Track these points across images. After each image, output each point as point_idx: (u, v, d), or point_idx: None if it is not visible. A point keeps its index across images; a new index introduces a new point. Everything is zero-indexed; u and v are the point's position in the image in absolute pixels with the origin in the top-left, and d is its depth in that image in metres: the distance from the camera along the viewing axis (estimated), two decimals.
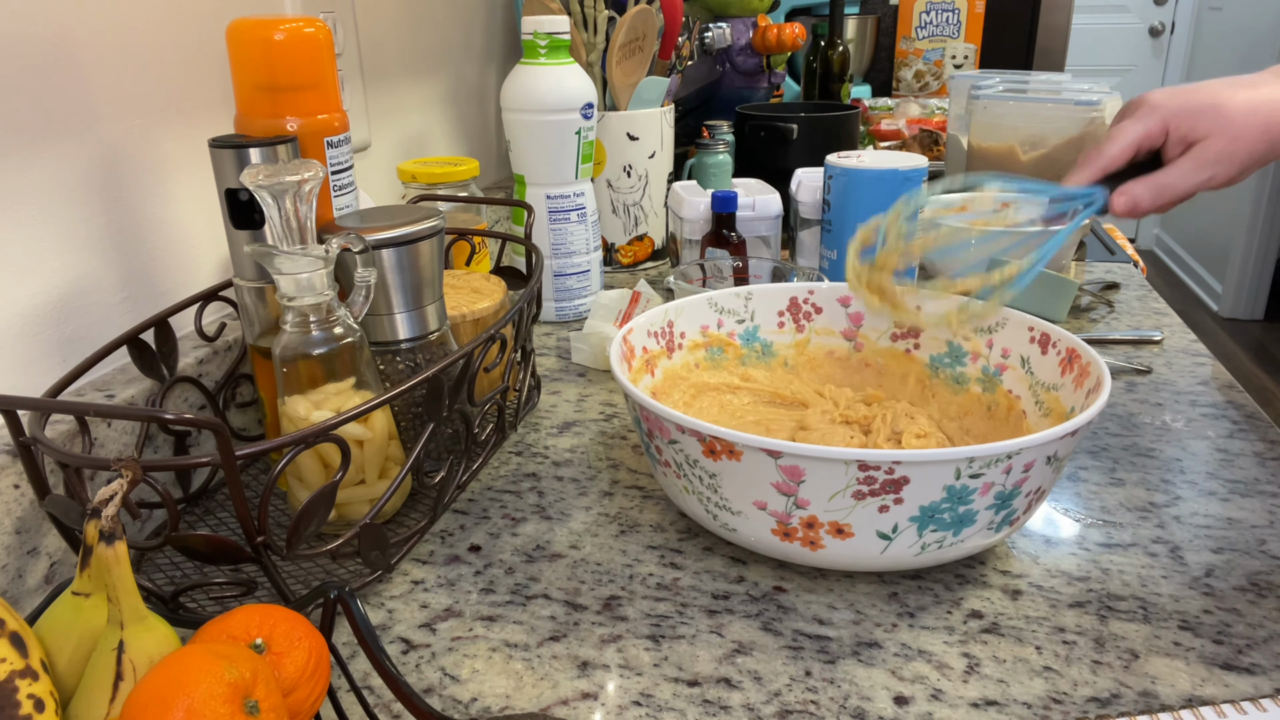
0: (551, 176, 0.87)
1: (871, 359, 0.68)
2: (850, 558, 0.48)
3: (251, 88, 0.53)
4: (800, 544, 0.48)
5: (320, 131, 0.56)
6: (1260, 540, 0.54)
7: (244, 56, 0.53)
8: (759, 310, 0.69)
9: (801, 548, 0.49)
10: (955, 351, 0.64)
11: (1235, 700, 0.42)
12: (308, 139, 0.55)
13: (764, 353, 0.69)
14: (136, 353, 0.56)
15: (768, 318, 0.69)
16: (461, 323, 0.67)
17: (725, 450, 0.47)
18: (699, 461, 0.49)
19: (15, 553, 0.48)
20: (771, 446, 0.45)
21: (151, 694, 0.30)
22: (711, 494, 0.50)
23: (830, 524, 0.47)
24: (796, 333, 0.69)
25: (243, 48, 0.53)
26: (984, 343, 0.63)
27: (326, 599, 0.38)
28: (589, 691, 0.44)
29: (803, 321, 0.69)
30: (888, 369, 0.68)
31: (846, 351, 0.69)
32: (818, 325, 0.69)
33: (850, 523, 0.46)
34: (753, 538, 0.50)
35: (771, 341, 0.69)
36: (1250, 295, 3.45)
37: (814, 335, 0.69)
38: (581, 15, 0.96)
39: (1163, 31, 3.85)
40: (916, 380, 0.66)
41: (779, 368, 0.70)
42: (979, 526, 0.47)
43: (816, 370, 0.69)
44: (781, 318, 0.69)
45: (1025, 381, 0.60)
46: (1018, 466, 0.45)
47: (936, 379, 0.65)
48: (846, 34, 1.57)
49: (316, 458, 0.52)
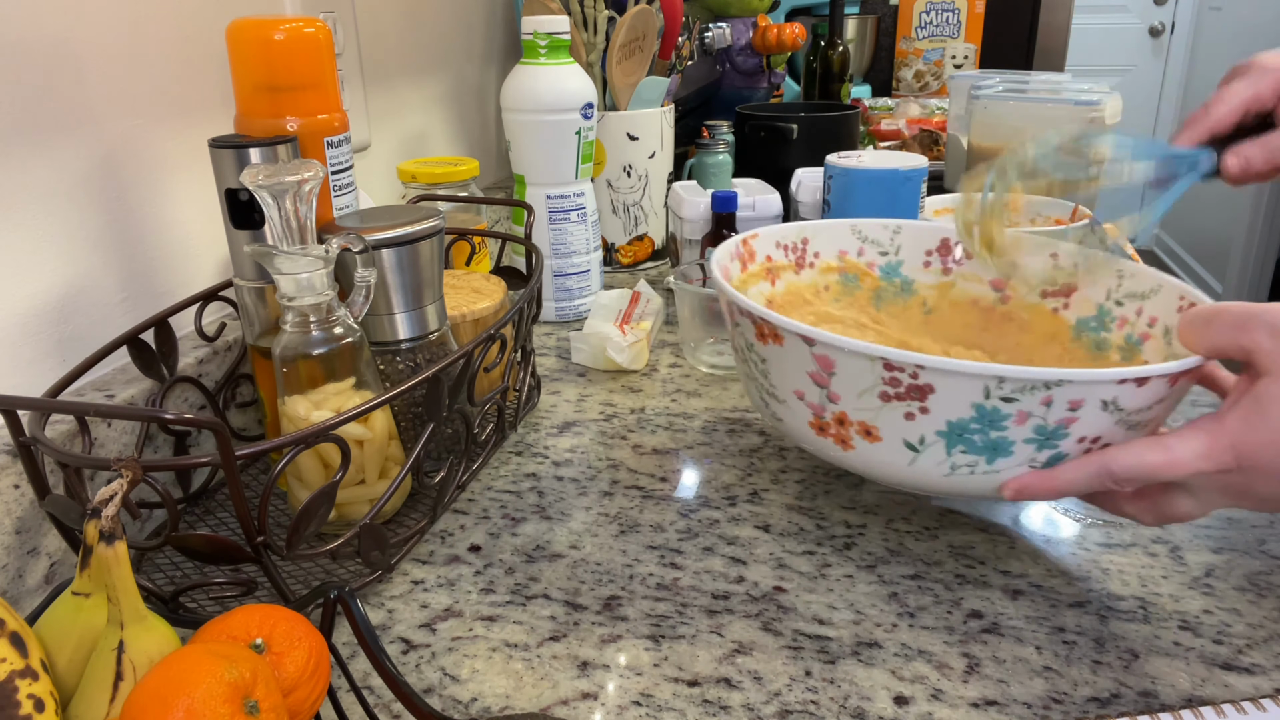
0: (551, 176, 0.87)
1: (1016, 313, 0.64)
2: (880, 463, 0.49)
3: (251, 88, 0.53)
4: (833, 440, 0.50)
5: (320, 131, 0.56)
6: (1260, 540, 0.54)
7: (244, 56, 0.53)
8: (905, 245, 0.66)
9: (835, 445, 0.50)
10: (1103, 316, 0.60)
11: (1235, 700, 0.42)
12: (308, 139, 0.55)
13: (903, 289, 0.66)
14: (136, 353, 0.56)
15: (914, 255, 0.66)
16: (461, 323, 0.67)
17: (771, 334, 0.48)
18: (753, 346, 0.51)
19: (15, 553, 0.48)
20: (805, 332, 0.46)
21: (151, 694, 0.30)
22: (764, 379, 0.52)
23: (859, 424, 0.47)
24: (942, 274, 0.66)
25: (243, 48, 0.53)
26: (1134, 309, 0.58)
27: (326, 599, 0.38)
28: (589, 691, 0.44)
29: (950, 265, 0.66)
30: (1031, 325, 0.63)
31: (992, 302, 0.65)
32: (966, 270, 0.65)
33: (878, 425, 0.47)
34: (794, 428, 0.52)
35: (914, 280, 0.66)
36: (1250, 295, 3.45)
37: (960, 280, 0.66)
38: (581, 15, 0.96)
39: (1163, 31, 3.85)
40: (1058, 341, 0.62)
41: (916, 309, 0.66)
42: (1016, 460, 0.46)
43: (958, 316, 0.65)
44: (929, 257, 0.66)
45: (1162, 354, 0.54)
46: (1060, 402, 0.43)
47: (1078, 343, 0.61)
48: (846, 34, 1.57)
49: (316, 458, 0.52)
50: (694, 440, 0.68)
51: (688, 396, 0.75)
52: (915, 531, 0.56)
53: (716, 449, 0.67)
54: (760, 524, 0.57)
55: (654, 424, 0.71)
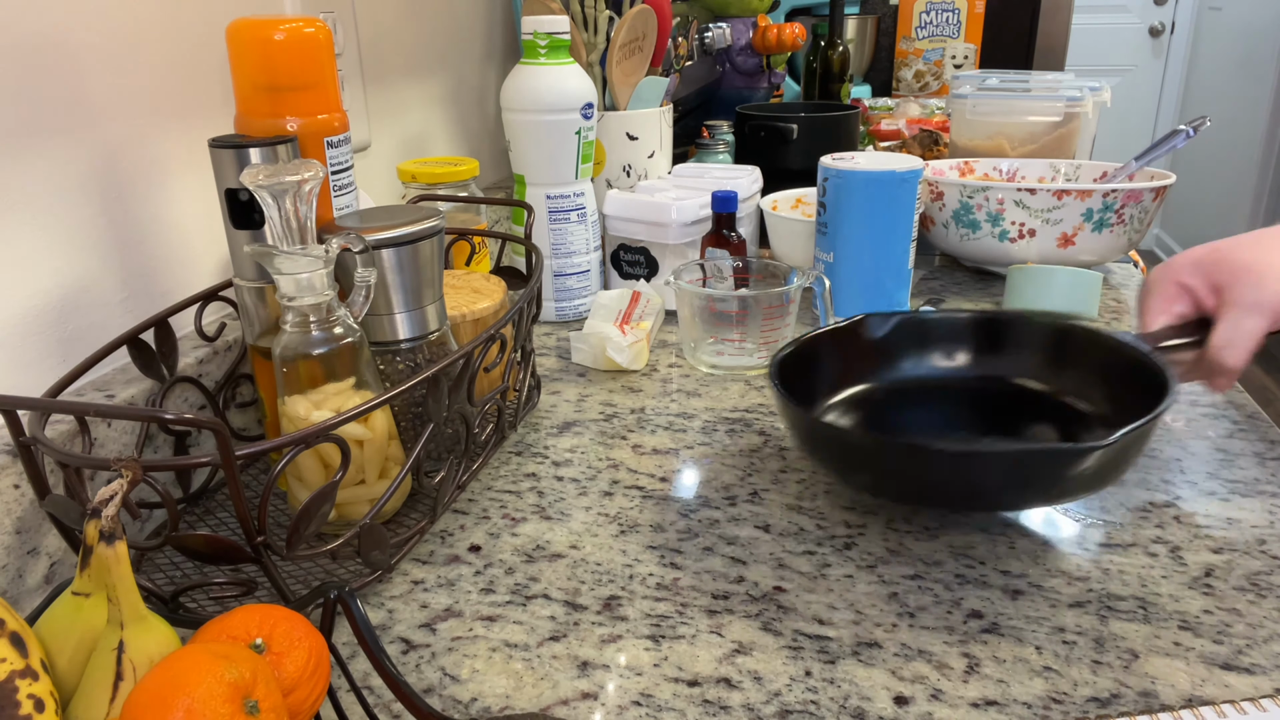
0: (551, 176, 0.87)
1: None
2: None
3: (251, 87, 0.53)
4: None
5: (320, 131, 0.56)
6: (1260, 540, 0.54)
7: (244, 56, 0.53)
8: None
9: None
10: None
11: (1235, 700, 0.42)
12: (308, 139, 0.55)
13: None
14: (136, 353, 0.56)
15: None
16: (461, 323, 0.67)
17: None
18: None
19: (15, 553, 0.48)
20: None
21: (151, 694, 0.30)
22: None
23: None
24: None
25: (243, 47, 0.53)
26: None
27: (326, 599, 0.38)
28: (589, 691, 0.44)
29: None
30: None
31: None
32: None
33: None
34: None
35: None
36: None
37: None
38: (581, 15, 0.96)
39: (1163, 31, 3.85)
40: None
41: None
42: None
43: None
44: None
45: None
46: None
47: None
48: (846, 34, 1.57)
49: (316, 458, 0.52)
50: (694, 440, 0.68)
51: (688, 396, 0.75)
52: (915, 531, 0.56)
53: (716, 449, 0.67)
54: (760, 524, 0.57)
55: (654, 424, 0.71)
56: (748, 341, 0.78)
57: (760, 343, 0.78)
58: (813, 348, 0.66)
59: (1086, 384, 0.62)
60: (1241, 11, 3.44)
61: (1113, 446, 0.48)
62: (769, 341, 0.78)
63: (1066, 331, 0.64)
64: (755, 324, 0.77)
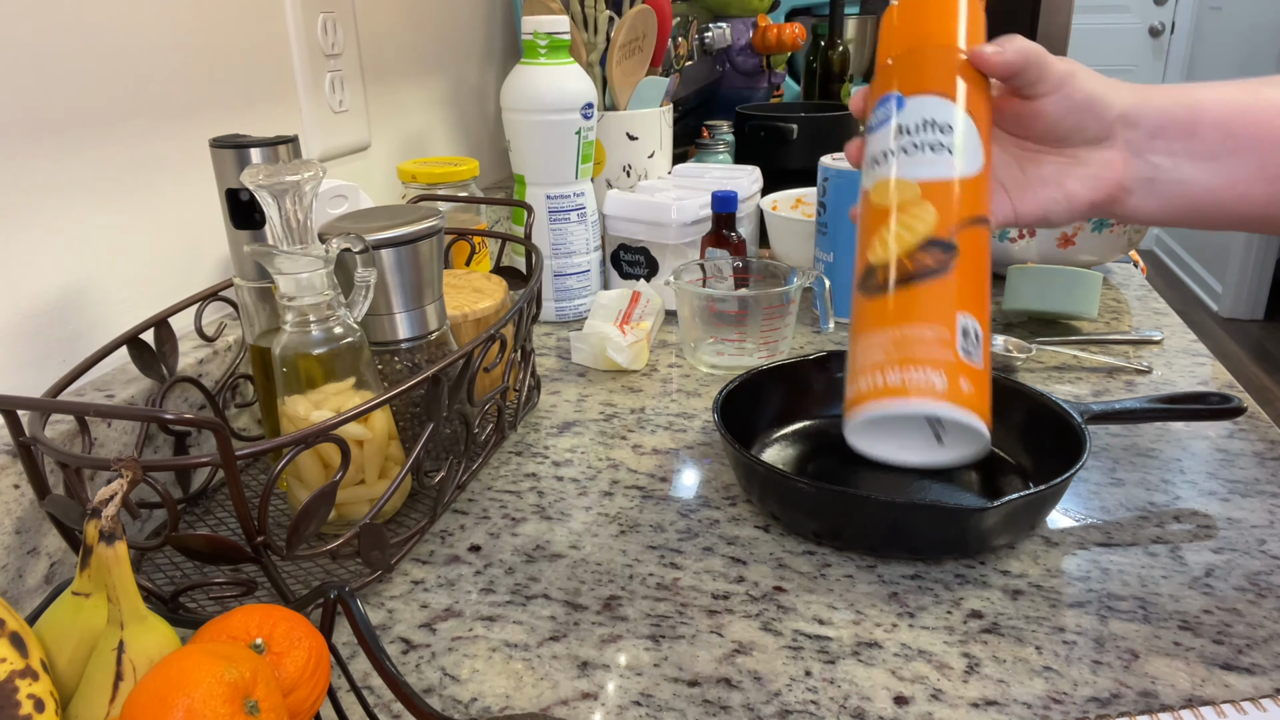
0: (551, 176, 0.87)
1: None
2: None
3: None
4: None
5: None
6: (1260, 540, 0.54)
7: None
8: None
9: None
10: None
11: (1235, 700, 0.42)
12: None
13: None
14: (136, 353, 0.56)
15: None
16: (462, 323, 0.67)
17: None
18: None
19: (15, 553, 0.48)
20: None
21: (151, 694, 0.30)
22: None
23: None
24: None
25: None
26: None
27: (326, 599, 0.38)
28: (589, 691, 0.44)
29: None
30: None
31: None
32: None
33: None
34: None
35: None
36: (1250, 295, 3.45)
37: None
38: (581, 15, 0.96)
39: (1163, 31, 3.85)
40: None
41: None
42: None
43: None
44: None
45: None
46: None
47: None
48: (846, 34, 1.57)
49: (316, 458, 0.52)
50: (694, 440, 0.68)
51: (688, 396, 0.75)
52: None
53: (716, 449, 0.67)
54: (760, 524, 0.57)
55: (654, 424, 0.71)
56: (748, 341, 0.78)
57: (760, 343, 0.78)
58: (760, 381, 0.67)
59: (1009, 438, 0.63)
60: (1241, 11, 3.44)
61: (1000, 509, 0.50)
62: (769, 341, 0.78)
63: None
64: (755, 324, 0.77)
